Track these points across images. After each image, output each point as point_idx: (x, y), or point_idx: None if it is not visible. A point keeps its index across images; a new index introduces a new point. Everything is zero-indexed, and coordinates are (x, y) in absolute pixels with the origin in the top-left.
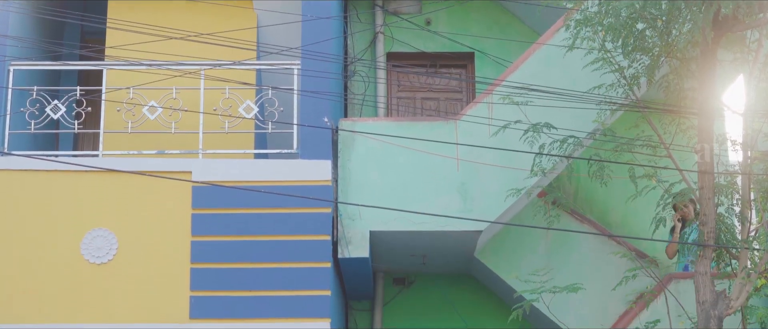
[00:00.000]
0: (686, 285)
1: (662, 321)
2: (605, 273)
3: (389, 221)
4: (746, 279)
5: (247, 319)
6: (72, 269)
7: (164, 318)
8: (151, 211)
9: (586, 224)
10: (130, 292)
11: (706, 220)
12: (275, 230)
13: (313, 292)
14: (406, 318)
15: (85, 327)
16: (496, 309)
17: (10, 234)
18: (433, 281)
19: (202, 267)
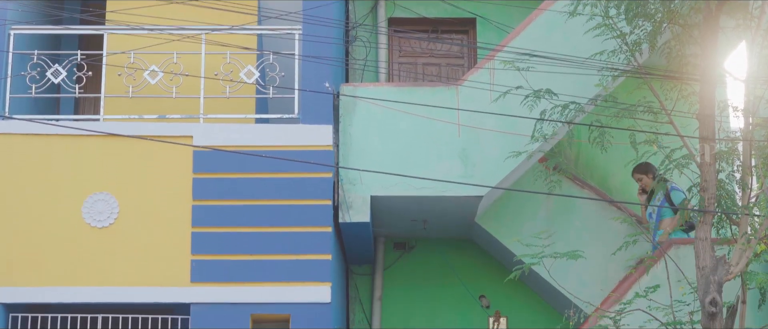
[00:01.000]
0: (686, 250)
1: (662, 287)
2: (605, 238)
3: (390, 186)
4: (746, 244)
5: (247, 283)
6: (73, 233)
7: (165, 282)
8: (152, 175)
9: (587, 189)
10: (131, 256)
11: (706, 186)
12: (276, 195)
13: (314, 256)
14: (406, 282)
15: (86, 290)
16: (496, 273)
17: (12, 198)
18: (434, 246)
19: (202, 231)
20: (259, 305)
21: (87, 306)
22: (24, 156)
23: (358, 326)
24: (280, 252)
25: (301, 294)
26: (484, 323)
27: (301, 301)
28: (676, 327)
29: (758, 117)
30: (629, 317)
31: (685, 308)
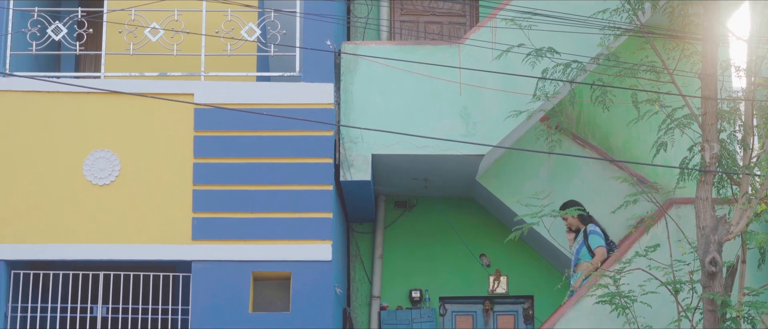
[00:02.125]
0: (687, 210)
1: (662, 246)
2: (606, 197)
3: (391, 144)
4: (747, 204)
5: (249, 240)
6: (74, 190)
7: (166, 239)
8: (153, 133)
9: (588, 148)
10: (132, 213)
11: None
12: (277, 153)
13: (315, 214)
14: (407, 240)
15: (87, 247)
16: (497, 232)
17: (13, 155)
18: (435, 204)
19: (204, 188)
20: (260, 262)
21: (88, 263)
22: (25, 114)
23: (358, 284)
24: (281, 210)
25: (302, 252)
26: (485, 281)
27: (302, 259)
28: (676, 287)
29: (760, 77)
30: (629, 276)
31: (685, 267)
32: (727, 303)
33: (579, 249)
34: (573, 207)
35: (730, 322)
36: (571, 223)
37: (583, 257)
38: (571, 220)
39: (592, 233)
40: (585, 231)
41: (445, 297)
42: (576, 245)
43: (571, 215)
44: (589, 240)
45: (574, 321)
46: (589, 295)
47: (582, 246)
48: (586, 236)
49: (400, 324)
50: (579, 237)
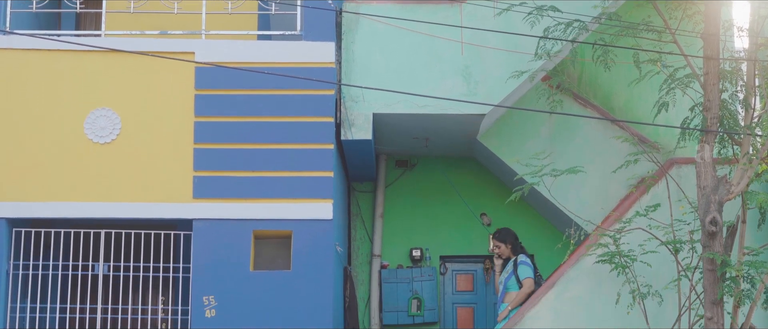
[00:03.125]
0: (687, 169)
1: (662, 206)
2: (607, 157)
3: (392, 103)
4: (748, 164)
5: (250, 199)
6: (75, 148)
7: (168, 198)
8: (154, 91)
9: (589, 108)
10: (133, 171)
11: (709, 106)
12: (278, 112)
13: (316, 173)
14: (407, 199)
15: (89, 205)
16: (497, 191)
17: (13, 114)
18: (436, 163)
19: (205, 147)
20: (261, 221)
21: (90, 221)
22: (25, 72)
23: (359, 243)
24: (282, 168)
25: (303, 211)
26: (485, 240)
27: (303, 218)
28: (676, 246)
29: (763, 37)
30: (629, 236)
31: (685, 227)
32: (727, 263)
33: (508, 279)
34: (503, 234)
35: (729, 282)
36: (502, 251)
37: (511, 287)
38: (504, 248)
39: (522, 263)
40: (515, 262)
41: (445, 256)
42: (505, 274)
43: (504, 244)
44: (518, 271)
45: (574, 280)
46: (589, 255)
47: (511, 276)
48: (515, 266)
49: (400, 283)
50: (508, 266)
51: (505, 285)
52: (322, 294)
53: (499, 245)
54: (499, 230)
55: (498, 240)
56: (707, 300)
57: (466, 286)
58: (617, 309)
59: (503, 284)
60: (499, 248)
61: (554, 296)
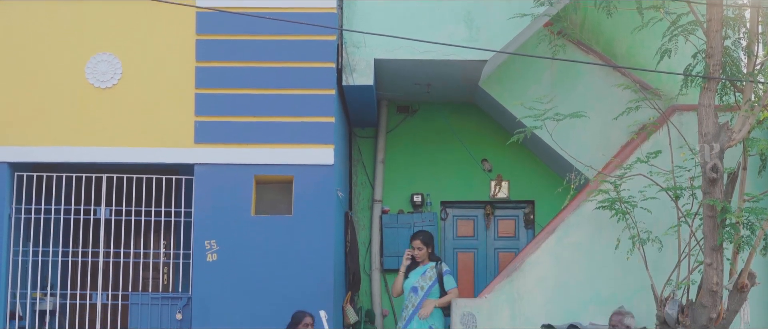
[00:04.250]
0: (689, 116)
1: (663, 152)
2: (609, 103)
3: (394, 49)
4: (749, 111)
5: (251, 144)
6: (77, 93)
7: (169, 142)
8: (155, 36)
9: (592, 54)
10: (134, 116)
11: (712, 52)
12: (279, 57)
13: (318, 119)
14: (409, 145)
15: (90, 150)
16: (498, 138)
17: (15, 59)
18: (437, 109)
19: (206, 92)
20: (263, 166)
21: (91, 165)
22: (26, 17)
23: (360, 188)
24: (284, 113)
25: (304, 156)
26: (486, 186)
27: (305, 163)
28: (677, 193)
29: None
30: (630, 182)
31: (686, 174)
32: (727, 209)
33: (431, 286)
34: (427, 237)
35: (729, 228)
36: (422, 254)
37: (433, 295)
38: (424, 252)
39: (447, 274)
40: (440, 271)
41: (446, 202)
42: (425, 282)
43: (426, 247)
44: (444, 281)
45: (574, 226)
46: (589, 200)
47: (435, 284)
48: (441, 276)
49: (401, 228)
50: (429, 273)
51: (427, 291)
52: (323, 238)
53: (423, 247)
54: (424, 232)
55: (423, 242)
56: (707, 246)
57: (467, 231)
58: (617, 255)
59: (426, 290)
60: (422, 250)
61: (554, 241)
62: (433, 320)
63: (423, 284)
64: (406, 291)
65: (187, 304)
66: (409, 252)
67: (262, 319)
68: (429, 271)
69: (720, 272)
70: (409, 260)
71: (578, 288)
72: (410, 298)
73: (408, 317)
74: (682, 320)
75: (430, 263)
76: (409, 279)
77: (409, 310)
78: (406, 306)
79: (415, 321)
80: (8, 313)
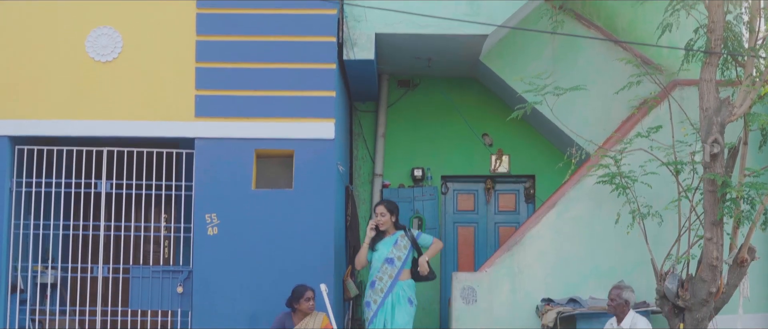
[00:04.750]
0: (690, 91)
1: (664, 127)
2: (610, 78)
3: (395, 23)
4: (751, 86)
5: (252, 118)
6: (77, 66)
7: (170, 116)
8: (155, 10)
9: (593, 29)
10: (135, 90)
11: (714, 27)
12: (281, 31)
13: (319, 93)
14: (409, 119)
15: (91, 123)
16: (499, 112)
17: (15, 32)
18: (438, 84)
19: (207, 66)
20: (263, 140)
21: (92, 139)
22: None
23: (361, 162)
24: (285, 88)
25: (305, 130)
26: (487, 160)
27: (305, 137)
28: (677, 167)
29: None
30: (630, 156)
31: (687, 148)
32: (728, 184)
33: (408, 255)
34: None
35: (729, 203)
36: (386, 221)
37: (408, 265)
38: (388, 218)
39: (419, 234)
40: (412, 236)
41: (446, 176)
42: (400, 251)
43: (390, 214)
44: (420, 241)
45: (574, 200)
46: (589, 175)
47: (411, 251)
48: (414, 240)
49: (401, 202)
50: (401, 242)
51: (405, 260)
52: (324, 212)
53: (386, 213)
54: (387, 200)
55: (387, 209)
56: (707, 221)
57: (467, 206)
58: (617, 229)
59: (402, 259)
60: (385, 216)
61: (555, 215)
62: (410, 291)
63: (399, 254)
64: (377, 263)
65: (188, 277)
66: (373, 221)
67: (262, 292)
68: (400, 240)
69: (720, 246)
70: (373, 231)
71: (578, 262)
72: (385, 270)
73: (386, 289)
74: (682, 294)
75: (397, 232)
76: (379, 252)
77: (385, 282)
78: (380, 277)
79: (396, 291)
80: (9, 286)
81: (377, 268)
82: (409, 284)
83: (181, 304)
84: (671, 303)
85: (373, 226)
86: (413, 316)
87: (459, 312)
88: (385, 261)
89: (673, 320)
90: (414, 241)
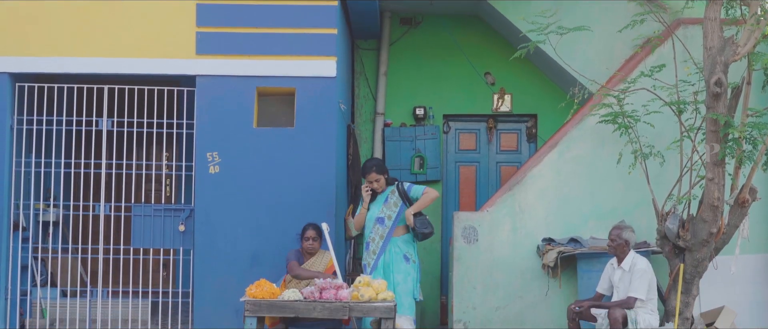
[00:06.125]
0: (694, 30)
1: (668, 66)
2: (613, 17)
3: None
4: (755, 25)
5: (253, 56)
6: (78, 2)
7: (171, 53)
8: None
9: None
10: (136, 27)
11: None
12: None
13: (320, 30)
14: (412, 58)
15: (92, 60)
16: (502, 51)
17: None
18: (440, 22)
19: (208, 3)
20: (265, 78)
21: (93, 76)
22: None
23: (363, 100)
24: (286, 25)
25: (306, 68)
26: (489, 100)
27: (307, 75)
28: (680, 107)
29: None
30: (633, 96)
31: (690, 88)
32: (730, 124)
33: (399, 213)
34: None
35: (732, 143)
36: (381, 184)
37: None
38: (382, 181)
39: (410, 187)
40: (402, 190)
41: (448, 115)
42: (390, 210)
43: (383, 176)
44: (411, 194)
45: (576, 139)
46: (592, 114)
47: (402, 209)
48: (405, 194)
49: (403, 141)
50: (391, 199)
51: (396, 220)
52: (325, 151)
53: (379, 177)
54: (373, 160)
55: (379, 172)
56: (709, 161)
57: (469, 145)
58: (619, 169)
59: (393, 219)
60: (379, 181)
61: (557, 155)
62: (406, 247)
63: (389, 212)
64: (369, 223)
65: (189, 216)
66: (367, 186)
67: (263, 231)
68: (390, 197)
69: (721, 187)
70: (369, 195)
71: (579, 202)
72: (376, 230)
73: (378, 250)
74: (683, 234)
75: (388, 188)
76: (370, 211)
77: (377, 243)
78: (372, 238)
79: (389, 250)
80: (11, 224)
81: (370, 229)
82: (405, 239)
83: (183, 243)
84: (672, 244)
85: (368, 190)
86: (413, 273)
87: (460, 252)
88: (376, 221)
89: (674, 260)
90: (405, 195)
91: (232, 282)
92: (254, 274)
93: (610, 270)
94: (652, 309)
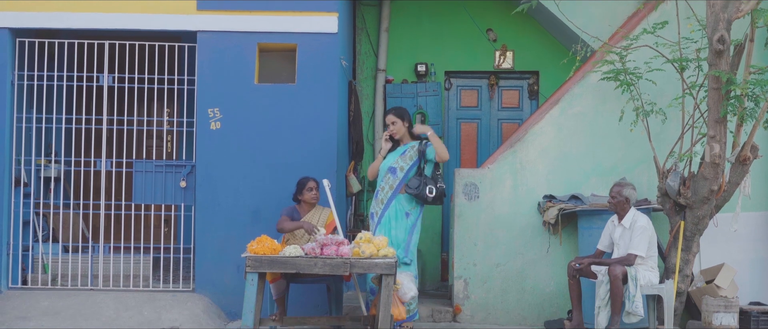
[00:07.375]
0: None
1: (670, 23)
2: None
3: None
4: None
5: (254, 12)
6: None
7: (172, 9)
8: None
9: None
10: None
11: None
12: None
13: None
14: (414, 14)
15: (93, 16)
16: (504, 7)
17: None
18: None
19: None
20: (266, 34)
21: (94, 31)
22: None
23: (364, 57)
24: None
25: (308, 24)
26: (491, 56)
27: (308, 31)
28: (682, 64)
29: None
30: (636, 53)
31: (693, 45)
32: (733, 81)
33: (412, 167)
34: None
35: (734, 100)
36: (398, 129)
37: (411, 175)
38: (400, 126)
39: (429, 146)
40: (423, 148)
41: (450, 72)
42: (405, 162)
43: (401, 120)
44: (428, 152)
45: (578, 96)
46: (594, 71)
47: (415, 164)
48: (423, 152)
49: (405, 97)
50: (409, 152)
51: (407, 173)
52: (327, 107)
53: (396, 120)
54: (396, 107)
55: (396, 115)
56: (711, 119)
57: (471, 102)
58: (621, 126)
59: (405, 171)
60: (396, 124)
61: (558, 112)
62: (409, 205)
63: (402, 164)
64: (381, 171)
65: (190, 172)
66: (387, 131)
67: (265, 186)
68: (409, 151)
69: (723, 144)
70: (389, 142)
71: (580, 159)
72: (387, 179)
73: (386, 200)
74: (684, 192)
75: (411, 142)
76: (386, 160)
77: (386, 192)
78: (382, 186)
79: (394, 204)
80: (13, 180)
81: (381, 177)
82: (409, 198)
83: (184, 199)
84: (672, 201)
85: (387, 137)
86: (411, 228)
87: (461, 208)
88: (388, 170)
89: (674, 218)
90: (422, 153)
91: (234, 238)
92: (255, 230)
93: (611, 227)
94: (653, 266)
